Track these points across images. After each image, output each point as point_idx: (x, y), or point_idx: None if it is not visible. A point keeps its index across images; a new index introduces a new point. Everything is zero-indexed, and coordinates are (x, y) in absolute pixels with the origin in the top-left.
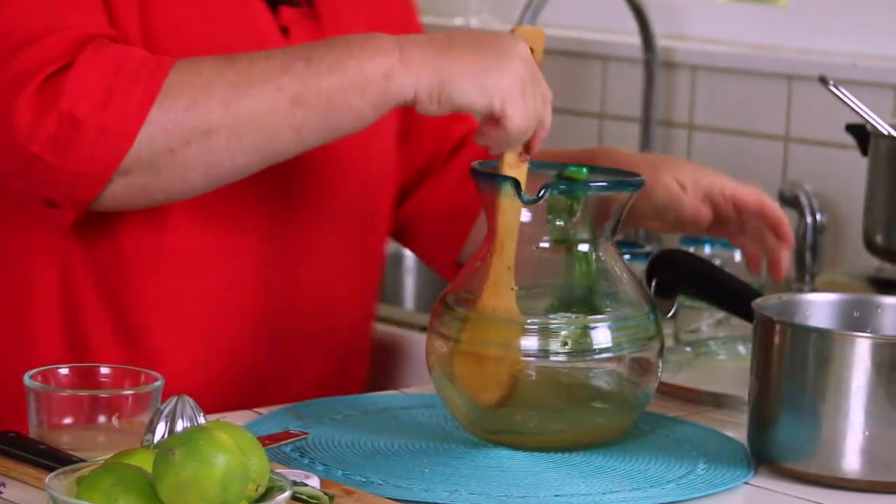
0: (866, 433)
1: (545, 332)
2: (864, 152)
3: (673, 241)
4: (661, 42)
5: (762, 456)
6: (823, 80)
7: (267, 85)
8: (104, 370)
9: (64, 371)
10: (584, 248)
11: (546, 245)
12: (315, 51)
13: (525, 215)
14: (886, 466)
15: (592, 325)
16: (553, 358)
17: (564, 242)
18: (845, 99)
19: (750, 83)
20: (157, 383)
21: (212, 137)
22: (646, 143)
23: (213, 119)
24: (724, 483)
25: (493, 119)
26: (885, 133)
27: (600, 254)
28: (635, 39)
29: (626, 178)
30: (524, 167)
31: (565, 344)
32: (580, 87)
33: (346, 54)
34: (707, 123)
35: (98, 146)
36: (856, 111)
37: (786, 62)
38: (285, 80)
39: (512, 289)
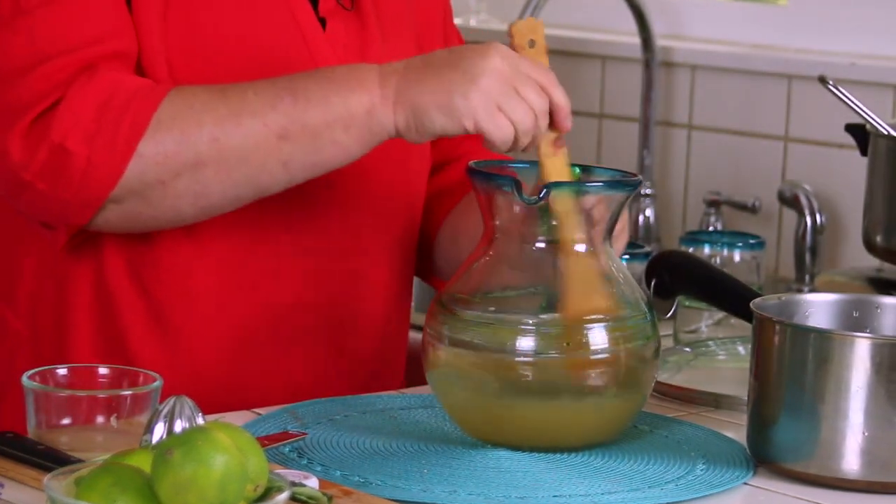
0: (866, 434)
1: (541, 333)
2: (864, 152)
3: (672, 242)
4: (660, 42)
5: (761, 456)
6: (823, 80)
7: (255, 120)
8: (102, 370)
9: (62, 371)
10: (580, 248)
11: (542, 245)
12: (302, 85)
13: (521, 216)
14: (886, 467)
15: (589, 325)
16: (549, 358)
17: (558, 242)
18: (845, 99)
19: (749, 83)
20: (156, 384)
21: (201, 170)
22: (645, 142)
23: (202, 152)
24: (724, 483)
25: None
26: (885, 133)
27: (595, 253)
28: (634, 39)
29: (624, 178)
30: (562, 151)
31: (562, 344)
32: (579, 86)
33: (332, 89)
34: (706, 123)
35: (87, 177)
36: (855, 111)
37: (785, 62)
38: (272, 115)
39: (597, 288)
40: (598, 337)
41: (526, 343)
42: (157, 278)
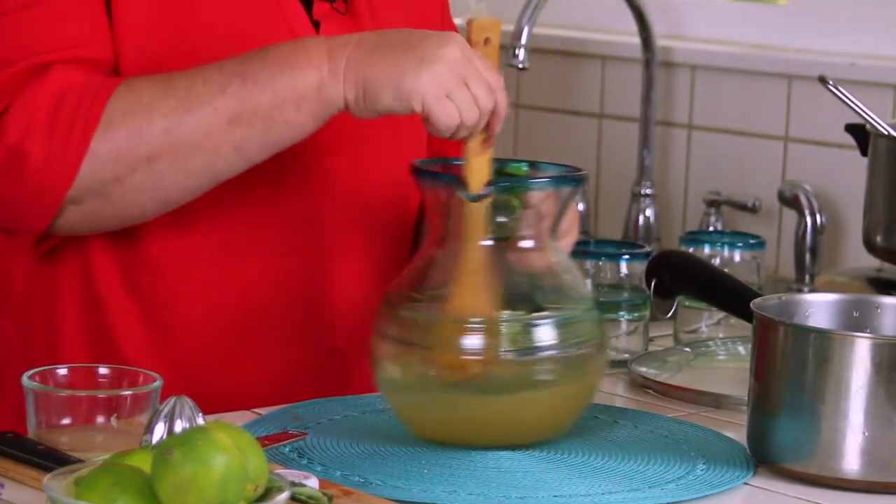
0: (866, 434)
1: (486, 330)
2: (864, 152)
3: (672, 242)
4: (660, 42)
5: (762, 456)
6: (823, 80)
7: (205, 108)
8: (102, 370)
9: (62, 371)
10: (526, 244)
11: (490, 242)
12: (250, 67)
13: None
14: (886, 467)
15: (536, 322)
16: (497, 356)
17: (507, 239)
18: (845, 99)
19: (749, 83)
20: (156, 384)
21: (155, 163)
22: (645, 142)
23: (155, 145)
24: (724, 483)
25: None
26: (885, 133)
27: (542, 250)
28: (635, 39)
29: (570, 174)
30: (487, 153)
31: (509, 341)
32: (579, 86)
33: (280, 69)
34: (706, 123)
35: (44, 178)
36: (855, 111)
37: (785, 62)
38: (221, 100)
39: (484, 289)
40: (544, 334)
41: (470, 340)
42: (146, 277)
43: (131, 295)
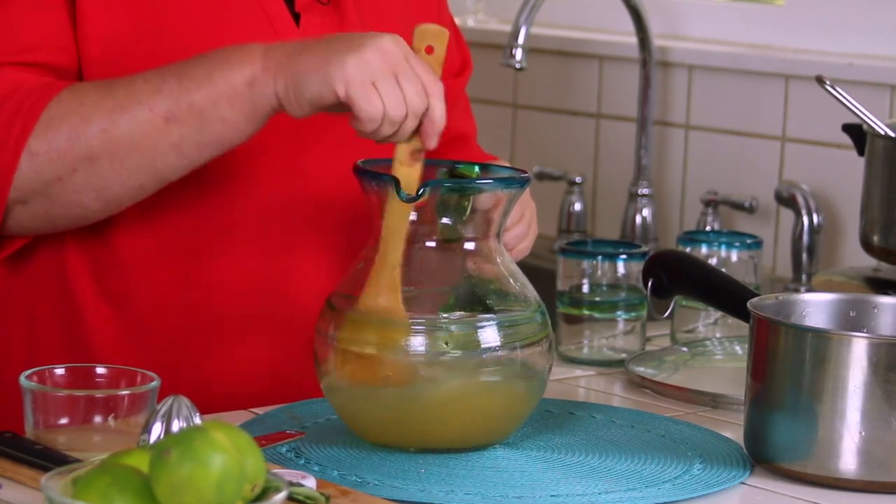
0: (863, 433)
1: (427, 332)
2: (861, 152)
3: (670, 242)
4: (657, 42)
5: (758, 456)
6: (820, 80)
7: (140, 107)
8: (100, 370)
9: (60, 371)
10: (470, 246)
11: (434, 244)
12: (188, 67)
13: (413, 214)
14: (883, 467)
15: (480, 324)
16: (440, 358)
17: (453, 241)
18: (842, 98)
19: (747, 83)
20: (154, 383)
21: (95, 163)
22: (642, 142)
23: (94, 146)
24: (721, 483)
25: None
26: (882, 133)
27: (489, 252)
28: (632, 39)
29: (511, 176)
30: (417, 165)
31: (450, 344)
32: (577, 86)
33: (215, 67)
34: (704, 123)
35: None
36: (852, 111)
37: (782, 62)
38: (157, 99)
39: (396, 288)
40: (489, 336)
41: (412, 343)
42: (117, 279)
43: (104, 296)
